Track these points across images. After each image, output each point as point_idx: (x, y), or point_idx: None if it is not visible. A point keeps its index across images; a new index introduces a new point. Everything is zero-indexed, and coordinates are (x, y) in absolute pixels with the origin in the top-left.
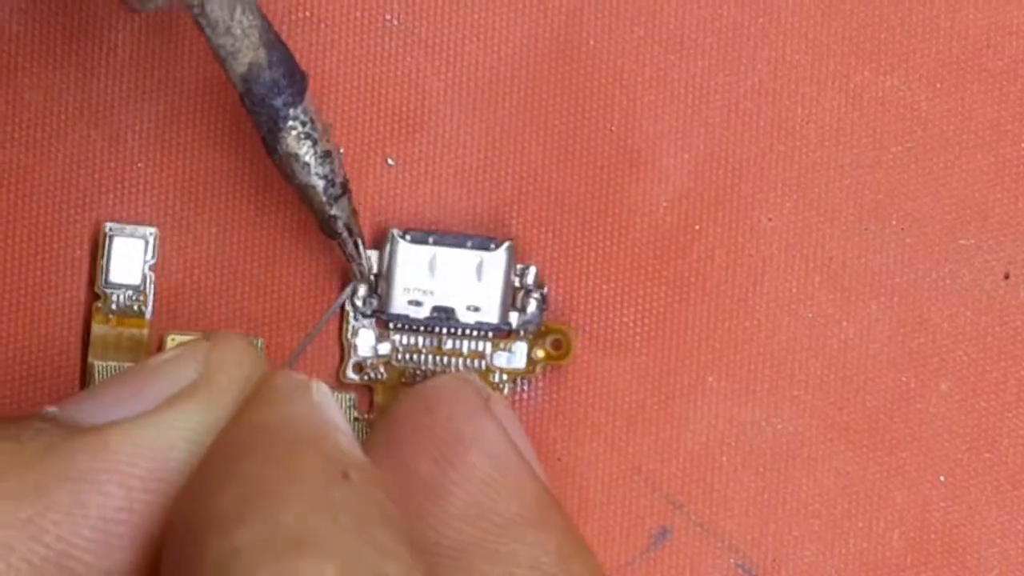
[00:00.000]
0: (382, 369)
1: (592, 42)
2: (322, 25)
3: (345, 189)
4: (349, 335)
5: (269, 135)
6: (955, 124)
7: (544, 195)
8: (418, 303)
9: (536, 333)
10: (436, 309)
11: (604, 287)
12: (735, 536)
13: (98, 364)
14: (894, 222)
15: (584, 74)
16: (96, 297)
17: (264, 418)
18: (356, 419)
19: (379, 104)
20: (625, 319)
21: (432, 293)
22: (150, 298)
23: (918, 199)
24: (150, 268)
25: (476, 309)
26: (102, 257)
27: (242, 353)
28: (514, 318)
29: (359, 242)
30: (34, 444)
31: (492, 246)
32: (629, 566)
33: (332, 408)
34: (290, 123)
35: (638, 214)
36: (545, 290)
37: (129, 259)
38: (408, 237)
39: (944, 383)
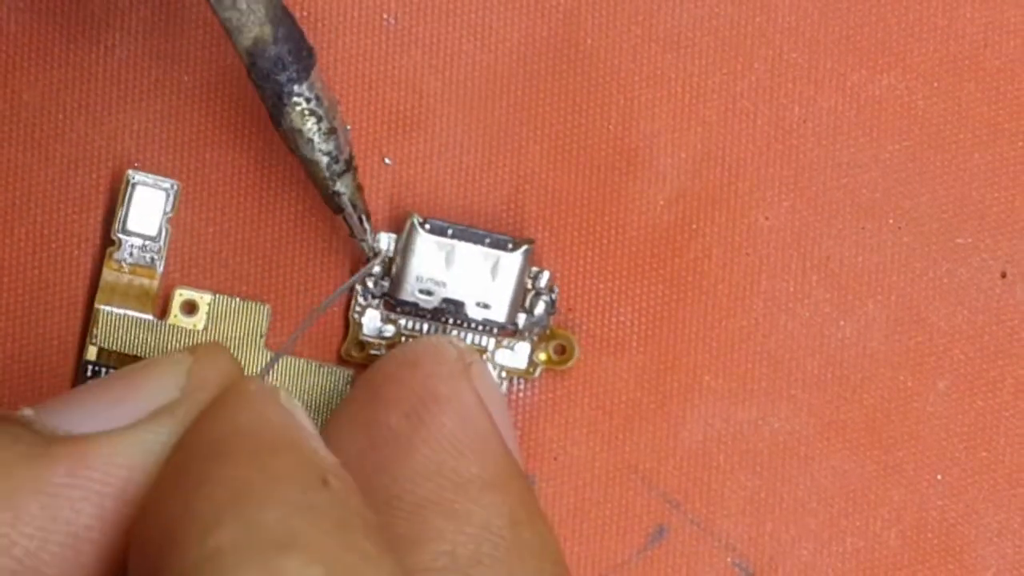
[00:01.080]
0: (384, 350)
1: (589, 41)
2: (320, 24)
3: (350, 166)
4: (356, 313)
5: (273, 109)
6: (952, 123)
7: (541, 194)
8: (429, 292)
9: (541, 336)
10: (446, 301)
11: (601, 286)
12: (732, 535)
13: (104, 309)
14: (891, 221)
15: (581, 73)
16: (111, 243)
17: (236, 421)
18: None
19: (376, 103)
20: (622, 318)
21: (444, 285)
22: (164, 251)
23: (915, 198)
24: (168, 220)
25: (486, 306)
26: (122, 205)
27: (225, 370)
28: (521, 319)
29: (363, 219)
30: (9, 452)
31: (510, 246)
32: (625, 565)
33: (302, 413)
34: (294, 99)
35: (635, 213)
36: (555, 295)
37: (150, 208)
38: (428, 226)
39: (941, 382)
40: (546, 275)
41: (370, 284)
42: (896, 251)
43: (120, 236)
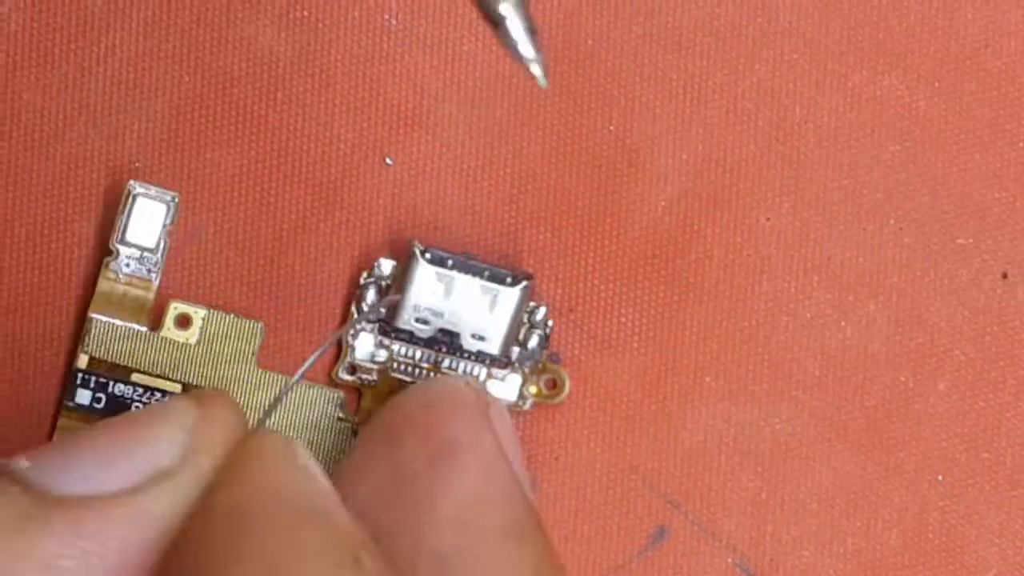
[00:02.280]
0: (375, 375)
1: (590, 42)
2: (320, 24)
3: None
4: (350, 336)
5: None
6: (953, 124)
7: (542, 194)
8: (425, 322)
9: (532, 369)
10: (442, 331)
11: (602, 287)
12: (733, 536)
13: (97, 318)
14: (892, 222)
15: (582, 74)
16: (108, 252)
17: (257, 487)
18: (340, 419)
19: (377, 103)
20: (623, 319)
21: (442, 315)
22: (161, 264)
23: (916, 199)
24: (167, 232)
25: (481, 338)
26: (122, 215)
27: (231, 427)
28: (514, 352)
29: (530, 32)
30: (4, 513)
31: (509, 280)
32: (626, 566)
33: (320, 472)
34: None
35: (636, 214)
36: (549, 329)
37: (149, 220)
38: (428, 256)
39: (942, 383)
40: (543, 310)
41: (366, 307)
42: (897, 252)
43: (118, 246)
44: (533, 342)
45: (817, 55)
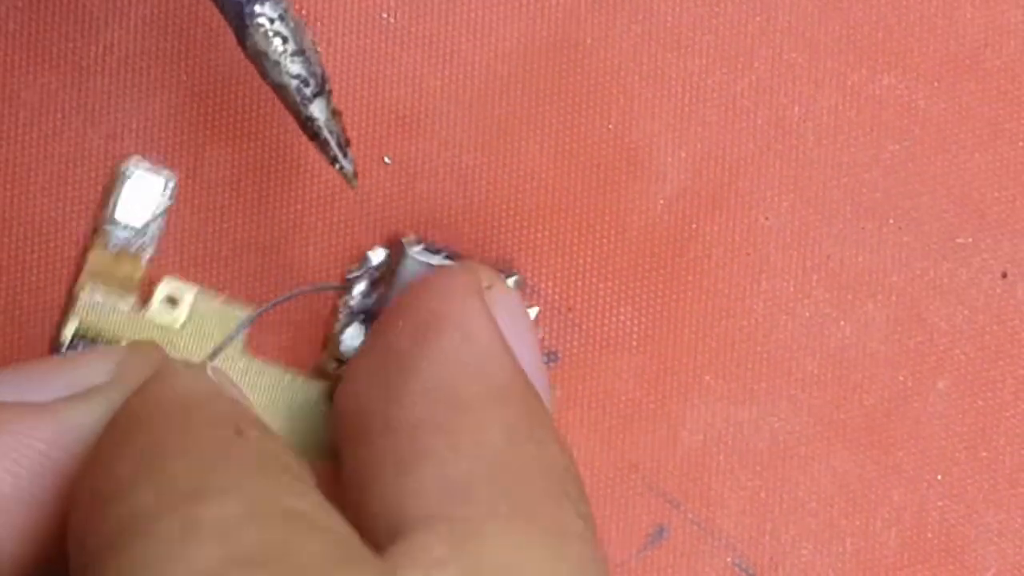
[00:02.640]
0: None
1: (589, 40)
2: (318, 23)
3: (323, 88)
4: (337, 329)
5: (237, 31)
6: (953, 123)
7: (541, 193)
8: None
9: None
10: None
11: (601, 285)
12: (732, 535)
13: (83, 295)
14: (891, 221)
15: (581, 72)
16: (95, 231)
17: (158, 392)
18: (324, 410)
19: (375, 102)
20: (622, 318)
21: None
22: (154, 241)
23: (916, 198)
24: (164, 211)
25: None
26: (113, 192)
27: (156, 360)
28: None
29: (341, 145)
30: None
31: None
32: (625, 564)
33: (228, 382)
34: (257, 20)
35: (635, 213)
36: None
37: (143, 197)
38: (417, 250)
39: (941, 382)
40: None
41: (353, 301)
42: (896, 251)
43: (107, 228)
44: None
45: (816, 54)
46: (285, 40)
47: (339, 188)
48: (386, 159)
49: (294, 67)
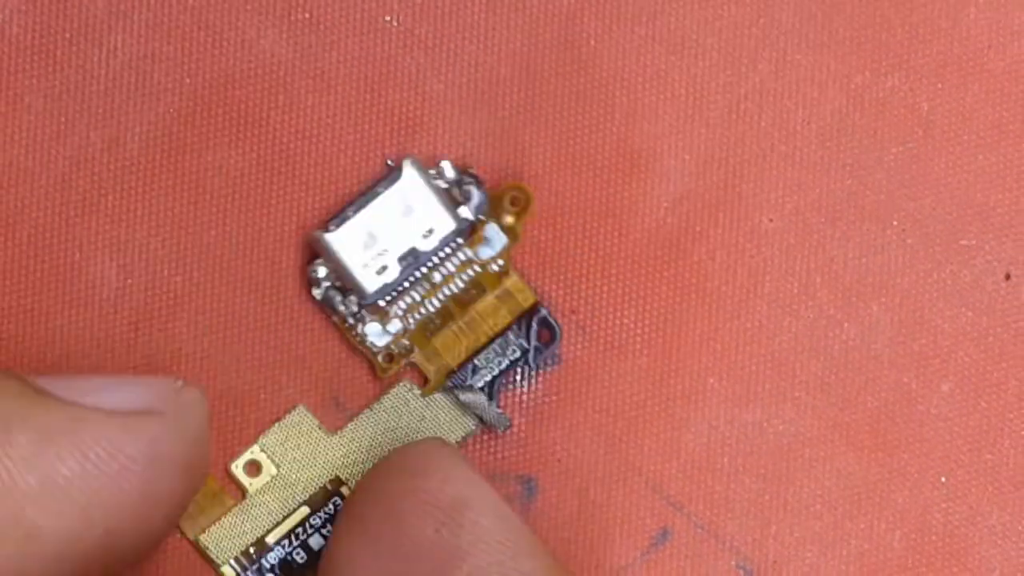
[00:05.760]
0: (406, 342)
1: (592, 42)
2: (321, 26)
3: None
4: (360, 341)
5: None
6: (956, 125)
7: (545, 196)
8: (383, 267)
9: (493, 208)
10: (401, 260)
11: (605, 288)
12: (736, 538)
13: None
14: (895, 223)
15: (584, 75)
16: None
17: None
18: (422, 395)
19: (378, 105)
20: (626, 320)
21: (387, 251)
22: None
23: (919, 200)
24: None
25: (431, 232)
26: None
27: (202, 408)
28: (466, 211)
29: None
30: (10, 387)
31: (398, 174)
32: (629, 567)
33: None
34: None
35: (639, 215)
36: (473, 168)
37: None
38: (332, 226)
39: (945, 384)
40: (447, 164)
41: (342, 308)
42: (900, 253)
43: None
44: (472, 192)
45: (820, 56)
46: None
47: (341, 190)
48: (388, 162)
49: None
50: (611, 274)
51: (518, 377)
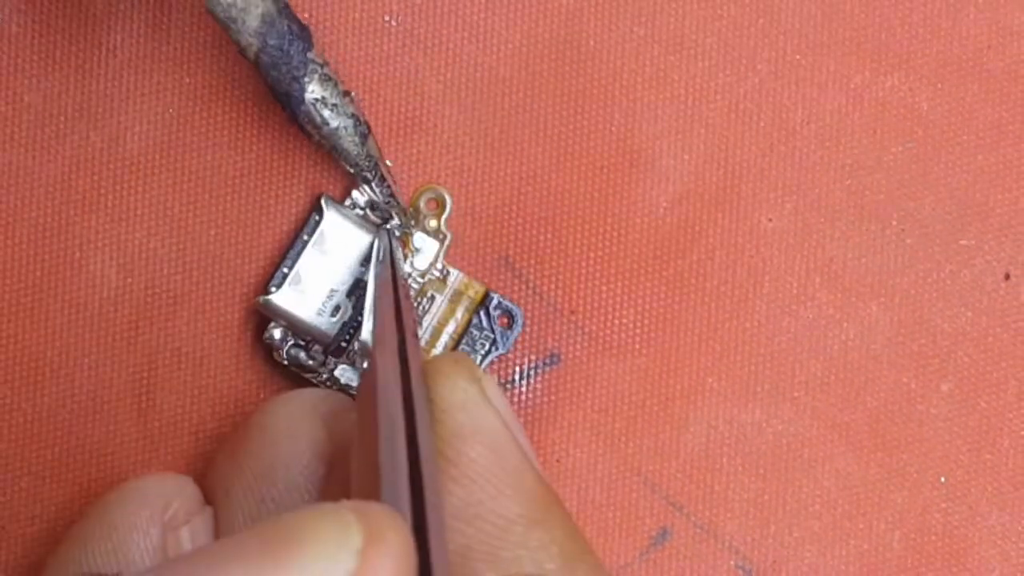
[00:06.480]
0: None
1: (592, 43)
2: (321, 27)
3: (368, 129)
4: (338, 388)
5: (294, 84)
6: (956, 125)
7: (544, 196)
8: (336, 307)
9: (416, 217)
10: (350, 295)
11: (604, 288)
12: (735, 537)
13: None
14: (895, 223)
15: (584, 75)
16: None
17: None
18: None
19: (377, 105)
20: (625, 320)
21: (334, 291)
22: None
23: (919, 200)
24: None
25: (367, 260)
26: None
27: (401, 556)
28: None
29: (392, 180)
30: None
31: (318, 217)
32: (629, 567)
33: None
34: (311, 66)
35: (638, 215)
36: (386, 174)
37: None
38: (272, 287)
39: (945, 384)
40: (355, 192)
41: (312, 362)
42: (899, 253)
43: None
44: (391, 213)
45: (819, 56)
46: (335, 83)
47: (340, 190)
48: (388, 162)
49: (348, 108)
50: (610, 274)
51: (517, 377)
